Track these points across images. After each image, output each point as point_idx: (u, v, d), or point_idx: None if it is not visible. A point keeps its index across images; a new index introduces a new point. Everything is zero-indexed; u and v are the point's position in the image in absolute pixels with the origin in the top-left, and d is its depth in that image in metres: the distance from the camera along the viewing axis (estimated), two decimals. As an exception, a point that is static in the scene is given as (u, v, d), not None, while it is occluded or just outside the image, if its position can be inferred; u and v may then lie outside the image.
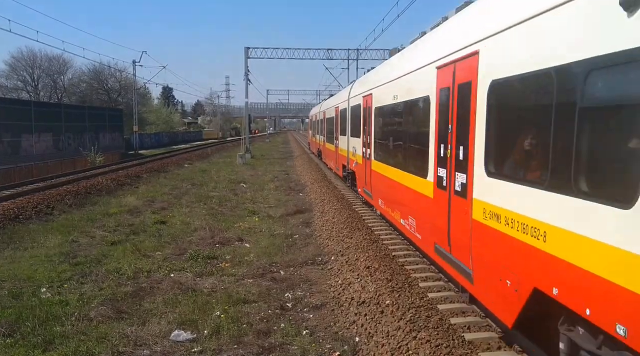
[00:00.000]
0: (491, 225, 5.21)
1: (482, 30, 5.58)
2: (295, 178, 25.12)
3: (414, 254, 9.58)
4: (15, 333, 6.47)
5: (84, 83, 62.33)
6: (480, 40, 5.57)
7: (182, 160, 36.75)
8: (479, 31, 5.68)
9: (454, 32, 6.87)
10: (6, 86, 56.51)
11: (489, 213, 5.27)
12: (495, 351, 5.54)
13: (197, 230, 12.83)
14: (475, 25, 6.00)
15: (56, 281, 8.73)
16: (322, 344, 6.32)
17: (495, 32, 5.22)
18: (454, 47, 6.44)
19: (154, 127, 70.49)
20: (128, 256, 10.32)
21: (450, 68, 6.58)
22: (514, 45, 4.84)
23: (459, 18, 6.98)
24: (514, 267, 4.74)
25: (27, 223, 13.74)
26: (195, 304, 7.54)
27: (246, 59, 40.19)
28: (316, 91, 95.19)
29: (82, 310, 7.30)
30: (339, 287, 8.39)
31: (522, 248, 4.55)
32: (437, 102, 7.12)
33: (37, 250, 10.91)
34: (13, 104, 31.27)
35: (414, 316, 6.32)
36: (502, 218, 4.96)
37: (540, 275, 4.25)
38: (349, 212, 13.76)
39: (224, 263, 9.92)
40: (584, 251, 3.65)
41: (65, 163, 30.63)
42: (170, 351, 6.06)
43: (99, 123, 38.67)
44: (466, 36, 6.10)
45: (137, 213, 15.47)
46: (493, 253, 5.25)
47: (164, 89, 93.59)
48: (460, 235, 6.20)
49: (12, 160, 25.93)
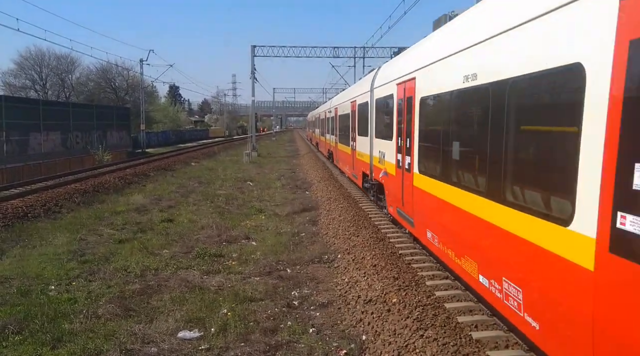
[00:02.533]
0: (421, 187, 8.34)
1: (416, 65, 8.85)
2: (301, 177, 25.12)
3: (420, 252, 9.55)
4: (24, 331, 6.52)
5: (91, 82, 62.64)
6: (416, 70, 8.81)
7: (189, 159, 36.86)
8: (414, 65, 8.94)
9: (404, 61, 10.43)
10: (15, 85, 56.89)
11: (420, 180, 8.34)
12: (503, 350, 5.52)
13: (204, 228, 12.86)
14: (412, 61, 9.24)
15: (64, 279, 8.79)
16: (328, 342, 6.32)
17: (420, 67, 8.45)
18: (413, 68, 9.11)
19: (161, 125, 70.71)
20: (135, 254, 10.37)
21: (402, 86, 9.65)
22: (427, 76, 8.11)
23: (405, 55, 10.70)
24: (435, 212, 7.68)
25: (35, 221, 13.85)
26: (203, 302, 7.56)
27: (252, 57, 40.22)
28: (322, 89, 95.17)
29: (90, 307, 7.34)
30: (346, 285, 8.38)
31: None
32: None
33: (46, 248, 10.98)
34: (21, 103, 31.45)
35: (420, 314, 6.30)
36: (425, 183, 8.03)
37: (450, 210, 6.80)
38: (355, 210, 13.74)
39: (231, 261, 9.95)
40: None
41: (73, 162, 30.82)
42: (178, 349, 6.08)
43: (106, 122, 38.85)
44: (408, 66, 9.47)
45: (144, 211, 15.54)
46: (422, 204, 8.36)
47: (170, 88, 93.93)
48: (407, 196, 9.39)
49: (21, 159, 26.13)
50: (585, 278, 3.62)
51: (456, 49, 6.62)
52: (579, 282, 3.71)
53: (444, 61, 7.22)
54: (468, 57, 6.21)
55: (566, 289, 3.91)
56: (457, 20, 7.37)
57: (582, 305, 3.68)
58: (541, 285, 4.32)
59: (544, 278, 4.25)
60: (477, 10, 6.45)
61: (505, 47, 5.14)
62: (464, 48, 6.31)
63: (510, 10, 5.15)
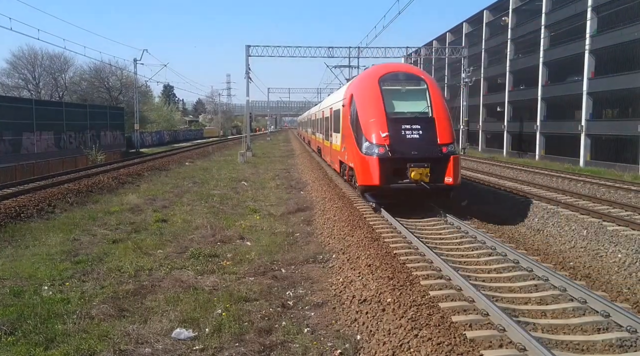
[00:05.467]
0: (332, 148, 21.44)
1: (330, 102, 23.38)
2: (296, 177, 25.12)
3: (415, 252, 9.57)
4: (17, 331, 6.48)
5: (85, 81, 62.29)
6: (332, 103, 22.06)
7: (183, 159, 36.76)
8: (330, 101, 23.13)
9: (330, 99, 24.14)
10: (7, 84, 56.51)
11: (332, 144, 21.31)
12: (497, 349, 5.54)
13: (198, 228, 12.83)
14: (333, 99, 22.58)
15: (58, 279, 8.74)
16: (323, 342, 6.32)
17: (329, 104, 23.24)
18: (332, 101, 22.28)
19: (155, 125, 70.44)
20: (129, 254, 10.33)
21: (334, 106, 20.63)
22: (329, 107, 23.18)
23: (334, 94, 24.16)
24: (335, 155, 20.45)
25: (28, 222, 13.76)
26: (197, 302, 7.54)
27: (247, 57, 40.16)
28: (317, 89, 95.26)
29: (84, 308, 7.31)
30: (340, 285, 8.39)
31: (335, 152, 20.24)
32: (330, 115, 21.78)
33: (39, 249, 10.92)
34: (14, 102, 31.21)
35: (415, 314, 6.31)
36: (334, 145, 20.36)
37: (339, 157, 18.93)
38: (350, 210, 13.75)
39: (225, 262, 9.93)
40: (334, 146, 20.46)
41: (67, 162, 30.62)
42: (172, 349, 6.06)
43: (100, 122, 38.63)
44: (333, 100, 22.01)
45: (138, 211, 15.48)
46: (331, 154, 22.14)
47: (165, 87, 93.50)
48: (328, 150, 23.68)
49: (14, 159, 25.94)
50: (337, 152, 19.14)
51: (327, 103, 24.31)
52: (337, 153, 18.98)
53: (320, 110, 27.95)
54: (329, 102, 23.49)
55: (335, 154, 20.19)
56: (330, 96, 26.27)
57: (337, 155, 19.22)
58: (334, 153, 20.57)
59: (333, 153, 21.16)
60: (332, 95, 24.81)
61: (335, 97, 20.78)
62: (330, 103, 22.63)
63: (333, 100, 21.99)
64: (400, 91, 14.05)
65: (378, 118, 13.18)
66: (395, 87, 14.03)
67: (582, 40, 36.68)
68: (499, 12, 51.93)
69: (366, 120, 13.46)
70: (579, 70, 37.69)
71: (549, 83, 42.88)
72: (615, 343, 5.87)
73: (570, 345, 5.88)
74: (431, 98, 13.61)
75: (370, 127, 13.25)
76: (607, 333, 6.11)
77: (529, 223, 13.87)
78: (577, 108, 38.18)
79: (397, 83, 14.13)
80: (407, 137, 12.97)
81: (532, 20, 45.34)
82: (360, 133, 13.58)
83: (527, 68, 45.67)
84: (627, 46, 32.68)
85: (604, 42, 35.07)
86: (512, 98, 48.99)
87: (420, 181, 12.51)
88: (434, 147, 12.88)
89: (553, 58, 41.74)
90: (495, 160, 36.64)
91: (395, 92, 13.94)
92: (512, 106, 49.43)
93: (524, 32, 46.71)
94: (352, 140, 14.30)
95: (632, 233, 10.92)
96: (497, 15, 52.56)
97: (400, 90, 14.07)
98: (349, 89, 16.02)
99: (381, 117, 13.15)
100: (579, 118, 37.54)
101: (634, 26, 31.87)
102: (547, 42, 42.50)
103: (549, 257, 10.53)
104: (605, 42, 34.91)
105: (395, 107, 13.61)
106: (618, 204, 14.76)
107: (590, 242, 11.34)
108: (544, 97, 42.89)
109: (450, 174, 12.78)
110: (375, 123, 13.16)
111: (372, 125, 13.23)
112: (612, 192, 18.15)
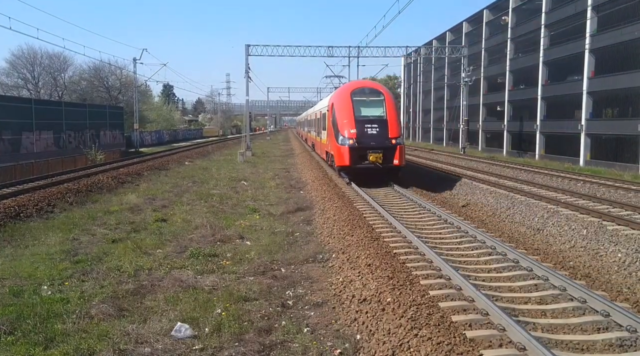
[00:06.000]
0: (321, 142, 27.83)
1: (322, 105, 28.55)
2: (296, 176, 25.11)
3: (414, 252, 9.57)
4: (16, 331, 6.47)
5: (84, 81, 62.19)
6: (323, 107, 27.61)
7: (182, 158, 36.74)
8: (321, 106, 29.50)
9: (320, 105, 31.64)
10: (7, 84, 56.41)
11: (322, 139, 26.84)
12: (497, 349, 5.53)
13: (198, 228, 12.82)
14: (321, 104, 29.63)
15: (57, 279, 8.73)
16: (323, 342, 6.32)
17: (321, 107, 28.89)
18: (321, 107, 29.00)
19: (155, 124, 70.42)
20: (129, 254, 10.31)
21: (322, 110, 26.55)
22: (319, 110, 29.67)
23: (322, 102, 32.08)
24: (322, 148, 26.86)
25: (28, 221, 13.75)
26: (197, 302, 7.54)
27: (247, 56, 40.15)
28: (317, 88, 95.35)
29: (83, 307, 7.29)
30: (340, 285, 8.38)
31: (323, 145, 25.80)
32: (320, 117, 27.05)
33: (38, 248, 10.91)
34: (13, 102, 31.17)
35: (415, 314, 6.30)
36: (323, 140, 25.97)
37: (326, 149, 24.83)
38: (349, 210, 13.74)
39: (225, 261, 9.92)
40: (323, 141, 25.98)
41: (66, 161, 30.60)
42: (172, 349, 6.06)
43: (99, 121, 38.60)
44: (321, 106, 28.96)
45: (138, 211, 15.47)
46: (320, 147, 28.70)
47: (164, 87, 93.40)
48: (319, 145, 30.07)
49: (13, 158, 25.92)
50: (324, 145, 25.19)
51: (318, 108, 31.65)
52: (324, 145, 25.24)
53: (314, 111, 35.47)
54: (319, 107, 30.73)
55: (322, 146, 26.74)
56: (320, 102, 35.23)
57: (324, 147, 25.67)
58: (322, 146, 27.02)
59: (321, 146, 27.63)
60: (321, 101, 33.94)
61: (323, 104, 28.00)
62: (319, 108, 30.04)
63: (321, 106, 29.19)
64: (365, 101, 19.72)
65: (349, 120, 19.15)
66: (362, 98, 19.75)
67: (582, 40, 36.66)
68: (499, 11, 51.88)
69: (341, 121, 19.40)
70: (579, 69, 37.66)
71: (549, 82, 42.85)
72: (615, 342, 5.87)
73: (570, 344, 5.88)
74: (386, 106, 19.40)
75: (344, 126, 19.20)
76: (607, 333, 6.11)
77: (528, 223, 13.87)
78: (577, 107, 38.15)
79: (363, 95, 19.86)
80: (368, 132, 18.73)
81: (532, 19, 45.30)
82: (337, 130, 19.46)
83: (527, 67, 45.63)
84: (627, 45, 32.65)
85: (604, 42, 35.03)
86: (512, 98, 48.96)
87: (376, 162, 18.35)
88: (386, 139, 18.64)
89: (553, 57, 41.71)
90: (495, 159, 36.63)
91: (361, 101, 19.66)
92: (512, 105, 49.38)
93: (524, 31, 46.67)
94: (332, 135, 20.26)
95: (632, 233, 10.92)
96: (497, 14, 52.50)
97: (365, 100, 19.74)
98: (331, 99, 22.38)
99: (351, 119, 19.11)
100: (579, 118, 37.52)
101: (634, 25, 31.84)
102: (547, 42, 42.47)
103: (549, 257, 10.53)
104: (605, 41, 34.87)
105: (361, 112, 19.34)
106: (618, 203, 14.75)
107: (590, 241, 11.34)
108: (544, 96, 42.87)
109: (397, 158, 18.63)
110: (347, 123, 19.14)
111: (345, 124, 19.18)
112: (612, 191, 18.14)
